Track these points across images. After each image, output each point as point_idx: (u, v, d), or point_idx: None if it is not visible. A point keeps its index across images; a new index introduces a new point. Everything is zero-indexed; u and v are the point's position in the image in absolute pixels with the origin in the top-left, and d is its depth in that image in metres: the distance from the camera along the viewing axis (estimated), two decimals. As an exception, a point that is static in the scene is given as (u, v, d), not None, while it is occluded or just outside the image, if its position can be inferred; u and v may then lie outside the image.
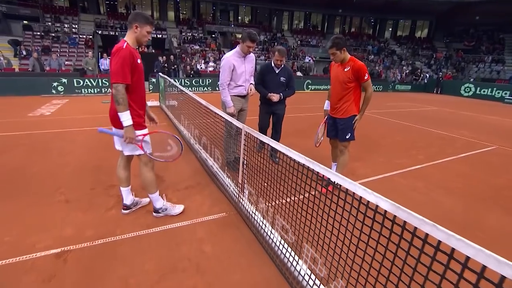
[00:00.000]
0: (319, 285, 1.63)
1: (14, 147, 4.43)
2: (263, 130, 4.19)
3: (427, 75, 22.26)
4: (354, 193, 1.28)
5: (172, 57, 14.60)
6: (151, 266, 1.99)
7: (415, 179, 3.86)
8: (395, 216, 1.11)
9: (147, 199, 2.82)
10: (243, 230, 2.48)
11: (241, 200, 2.67)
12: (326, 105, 3.50)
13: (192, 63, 14.75)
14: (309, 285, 1.67)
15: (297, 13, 30.58)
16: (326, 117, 3.51)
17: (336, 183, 1.35)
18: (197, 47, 20.42)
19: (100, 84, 11.11)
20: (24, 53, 14.35)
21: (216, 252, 2.17)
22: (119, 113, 2.16)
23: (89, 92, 10.99)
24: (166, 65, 13.65)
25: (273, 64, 3.89)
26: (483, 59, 24.34)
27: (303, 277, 1.73)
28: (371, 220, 1.25)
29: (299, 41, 26.57)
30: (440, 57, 26.25)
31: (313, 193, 1.64)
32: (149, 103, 7.86)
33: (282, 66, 3.90)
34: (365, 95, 3.13)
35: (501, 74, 22.04)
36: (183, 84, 12.63)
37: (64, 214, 2.59)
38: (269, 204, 2.28)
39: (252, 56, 3.60)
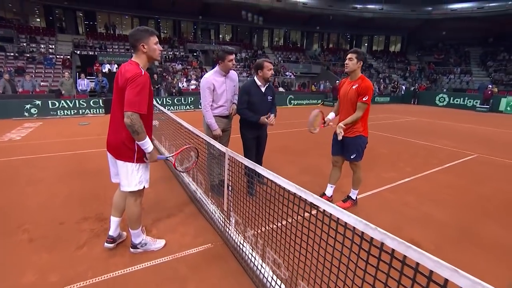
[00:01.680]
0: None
1: (-25, 178, 4.02)
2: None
3: (403, 87, 23.14)
4: (346, 223, 1.13)
5: (155, 76, 14.38)
6: (126, 317, 1.74)
7: (405, 193, 3.80)
8: (382, 244, 0.96)
9: (125, 233, 2.56)
10: (231, 262, 2.26)
11: (227, 229, 2.46)
12: (330, 115, 3.31)
13: (174, 82, 14.58)
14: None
15: (277, 31, 31.43)
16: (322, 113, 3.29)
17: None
18: (179, 66, 20.35)
19: (77, 106, 10.66)
20: (-5, 75, 13.71)
21: (201, 292, 1.94)
22: (139, 142, 2.00)
23: (65, 114, 10.51)
24: (147, 84, 13.39)
25: (258, 82, 3.33)
26: (452, 70, 25.74)
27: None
28: (367, 254, 1.10)
29: (279, 58, 27.13)
30: (413, 69, 27.53)
31: (306, 225, 1.48)
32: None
33: (268, 84, 3.41)
34: (355, 113, 3.02)
35: (470, 84, 23.31)
36: (164, 102, 12.38)
37: (24, 257, 2.28)
38: (258, 235, 2.09)
39: (234, 74, 3.41)
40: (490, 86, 18.16)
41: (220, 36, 30.02)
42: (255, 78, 3.36)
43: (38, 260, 2.24)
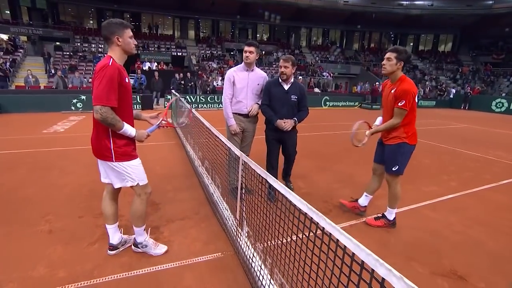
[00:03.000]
0: None
1: (17, 166, 4.33)
2: (272, 166, 3.32)
3: (453, 90, 21.14)
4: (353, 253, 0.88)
5: (188, 74, 14.76)
6: (121, 327, 1.64)
7: (448, 212, 3.30)
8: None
9: (133, 236, 2.48)
10: (238, 276, 2.08)
11: (239, 239, 2.29)
12: (378, 120, 2.98)
13: (209, 80, 14.82)
14: None
15: (315, 30, 30.63)
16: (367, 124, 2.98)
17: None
18: (215, 64, 20.72)
19: (118, 101, 11.28)
20: (53, 71, 15.10)
21: (202, 308, 1.79)
22: (119, 132, 1.94)
23: (106, 109, 11.17)
24: (183, 82, 13.77)
25: (280, 80, 3.17)
26: (514, 73, 22.94)
27: None
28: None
29: (317, 58, 26.40)
30: (466, 71, 25.05)
31: (318, 248, 1.24)
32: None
33: (293, 81, 3.21)
34: (392, 119, 2.67)
35: (536, 88, 20.58)
36: (198, 100, 12.62)
37: (42, 248, 2.32)
38: (267, 252, 1.88)
39: (260, 73, 3.29)
40: (561, 91, 15.82)
41: (258, 35, 30.05)
42: (279, 78, 3.21)
43: (52, 253, 2.26)
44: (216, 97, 13.08)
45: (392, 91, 2.64)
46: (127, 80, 1.98)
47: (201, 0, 23.59)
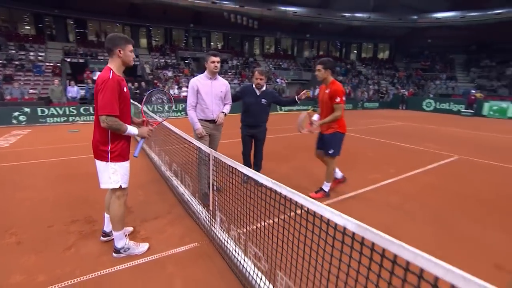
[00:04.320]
0: (296, 315, 1.53)
1: (-39, 185, 4.00)
2: (245, 156, 4.14)
3: (391, 93, 23.69)
4: (321, 215, 1.24)
5: (143, 83, 14.44)
6: (112, 311, 1.79)
7: (388, 193, 3.94)
8: (363, 238, 1.07)
9: (130, 228, 2.73)
10: (216, 260, 2.33)
11: (213, 228, 2.54)
12: (315, 116, 3.71)
13: (165, 89, 14.64)
14: (286, 316, 1.56)
15: (268, 39, 31.90)
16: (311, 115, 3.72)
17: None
18: (169, 73, 20.44)
19: (67, 113, 10.62)
20: (-17, 82, 13.54)
21: (188, 286, 2.01)
22: (125, 134, 2.20)
23: (54, 121, 10.44)
24: (138, 91, 13.43)
25: (253, 86, 3.92)
26: (438, 76, 26.51)
27: (280, 308, 1.63)
28: (341, 243, 1.20)
29: (271, 65, 27.50)
30: (401, 76, 28.23)
31: (282, 217, 1.58)
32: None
33: (264, 89, 3.94)
34: (334, 113, 3.44)
35: (455, 89, 24.05)
36: (155, 109, 12.41)
37: (12, 259, 2.31)
38: (241, 231, 2.18)
39: (222, 81, 3.49)
40: (473, 91, 18.78)
41: (212, 43, 30.30)
42: (253, 82, 3.99)
43: (26, 261, 2.27)
44: (174, 106, 12.98)
45: (327, 91, 3.43)
46: (125, 90, 2.21)
47: (152, 8, 23.13)
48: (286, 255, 1.61)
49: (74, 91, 12.37)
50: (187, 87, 17.48)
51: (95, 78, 15.93)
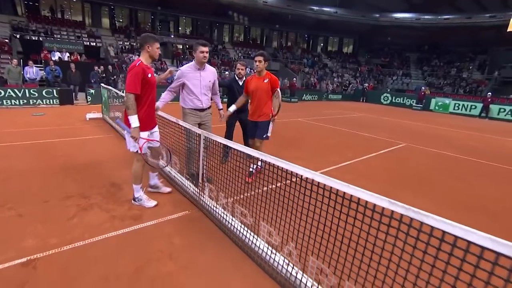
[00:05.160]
0: (275, 252, 2.06)
1: None
2: (229, 138, 4.44)
3: (354, 86, 25.29)
4: (291, 171, 1.76)
5: (110, 67, 13.93)
6: (128, 260, 2.18)
7: (345, 173, 4.66)
8: (325, 185, 1.61)
9: (168, 189, 3.42)
10: (206, 222, 2.80)
11: (202, 198, 2.98)
12: (232, 107, 3.93)
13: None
14: (267, 254, 2.09)
15: (237, 27, 31.78)
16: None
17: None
18: (136, 57, 19.70)
19: (27, 95, 10.02)
20: None
21: (185, 243, 2.46)
22: (128, 116, 2.72)
23: (12, 103, 9.81)
24: (104, 75, 12.96)
25: (236, 77, 4.59)
26: (395, 73, 28.73)
27: (262, 250, 2.15)
28: (310, 191, 1.74)
29: (240, 53, 27.61)
30: (363, 70, 30.07)
31: (266, 185, 2.09)
32: (90, 115, 7.56)
33: (244, 78, 4.51)
34: (279, 100, 3.87)
35: (409, 85, 26.34)
36: (115, 95, 12.14)
37: (19, 228, 2.55)
38: (230, 199, 2.66)
39: (210, 69, 3.54)
40: (423, 88, 20.83)
41: (180, 28, 29.47)
42: (235, 76, 4.66)
43: (33, 229, 2.53)
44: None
45: (265, 81, 3.76)
46: (149, 76, 2.75)
47: (115, -14, 21.87)
48: (268, 208, 2.14)
49: (32, 72, 11.60)
50: (156, 73, 17.14)
51: (54, 58, 14.95)
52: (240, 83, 4.57)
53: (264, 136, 3.86)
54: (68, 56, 16.05)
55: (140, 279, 2.01)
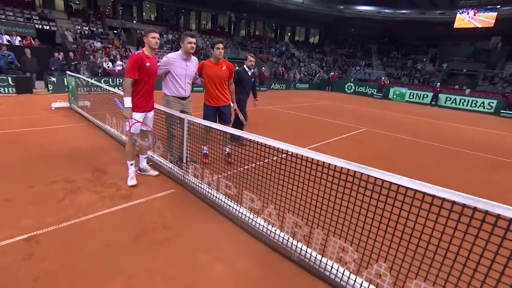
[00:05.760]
0: (257, 217, 2.45)
1: None
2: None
3: (319, 76, 26.31)
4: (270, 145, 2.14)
5: (71, 53, 13.15)
6: (124, 232, 2.44)
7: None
8: (299, 154, 2.01)
9: (155, 172, 3.67)
10: (192, 198, 3.11)
11: (186, 177, 3.27)
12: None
13: (98, 61, 13.61)
14: (251, 219, 2.47)
15: (204, 14, 31.09)
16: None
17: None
18: (98, 44, 18.65)
19: (-22, 83, 9.24)
20: None
21: (175, 215, 2.75)
22: (123, 98, 3.04)
23: (-39, 93, 9.02)
24: (65, 62, 12.24)
25: (246, 68, 4.98)
26: (358, 63, 30.29)
27: (245, 215, 2.53)
28: (285, 162, 2.14)
29: (207, 41, 27.20)
30: (329, 60, 31.24)
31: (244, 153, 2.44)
32: (55, 104, 7.31)
33: (252, 69, 5.06)
34: (233, 87, 4.16)
35: (371, 75, 27.99)
36: (90, 84, 11.62)
37: (9, 210, 2.65)
38: (213, 172, 2.98)
39: (195, 60, 3.70)
40: (384, 78, 22.34)
41: (144, 14, 28.15)
42: (244, 65, 5.01)
43: (26, 211, 2.65)
44: (110, 80, 12.34)
45: (223, 68, 3.84)
46: (148, 64, 3.04)
47: (71, -35, 20.23)
48: (250, 179, 2.51)
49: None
50: (121, 60, 16.44)
51: (2, 42, 13.70)
52: (249, 74, 5.02)
53: (230, 120, 4.18)
54: (19, 41, 14.80)
55: (139, 245, 2.29)
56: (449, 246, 1.49)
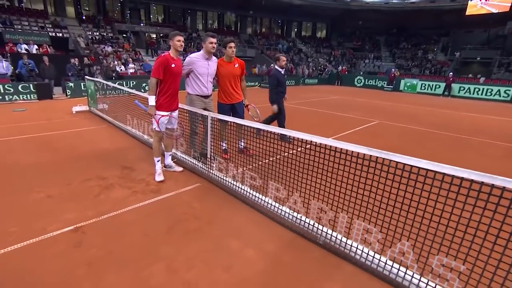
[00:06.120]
0: (282, 206, 2.61)
1: None
2: (283, 121, 5.61)
3: (328, 70, 26.17)
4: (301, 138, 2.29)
5: (85, 59, 13.58)
6: (160, 222, 2.64)
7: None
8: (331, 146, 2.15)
9: (180, 168, 3.86)
10: (217, 191, 3.30)
11: (211, 171, 3.45)
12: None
13: (111, 65, 14.01)
14: (277, 207, 2.63)
15: (211, 13, 31.30)
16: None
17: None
18: (109, 48, 19.11)
19: (2, 91, 9.71)
20: None
21: (204, 206, 2.94)
22: (148, 96, 3.28)
23: (-15, 101, 9.49)
24: (80, 68, 12.66)
25: (279, 69, 5.30)
26: (367, 56, 29.93)
27: (271, 204, 2.69)
28: (309, 152, 2.28)
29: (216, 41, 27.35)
30: (336, 54, 31.00)
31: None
32: (76, 108, 7.63)
33: (284, 68, 5.36)
34: (244, 84, 4.26)
35: (380, 68, 27.63)
36: (105, 87, 12.00)
37: (54, 206, 2.89)
38: (238, 166, 3.15)
39: (215, 59, 3.87)
40: (393, 70, 22.07)
41: (151, 16, 28.59)
42: (276, 66, 5.32)
43: (67, 206, 2.89)
44: (124, 82, 12.68)
45: (236, 66, 4.01)
46: (173, 66, 3.27)
47: (79, -28, 20.74)
48: (275, 170, 2.66)
49: (2, 66, 11.15)
50: (133, 63, 16.79)
51: (22, 51, 14.25)
52: (283, 73, 5.34)
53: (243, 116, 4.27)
54: (36, 49, 15.35)
55: (174, 234, 2.48)
56: (469, 222, 1.60)
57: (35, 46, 15.41)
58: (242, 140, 4.12)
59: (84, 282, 1.90)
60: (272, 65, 21.50)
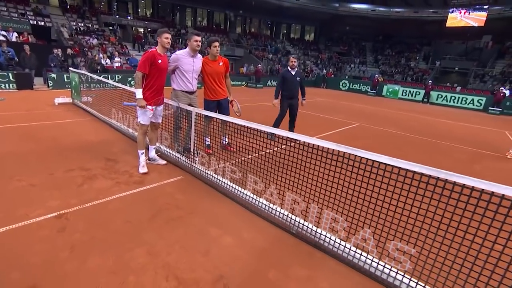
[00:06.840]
0: (260, 198, 2.78)
1: None
2: (282, 118, 5.72)
3: (315, 73, 26.68)
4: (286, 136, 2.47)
5: (69, 50, 13.26)
6: (143, 211, 2.75)
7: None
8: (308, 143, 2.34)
9: (163, 161, 3.95)
10: (199, 183, 3.43)
11: (194, 164, 3.58)
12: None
13: (96, 58, 13.75)
14: (255, 199, 2.80)
15: (200, 11, 31.16)
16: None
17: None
18: (94, 40, 18.68)
19: (-21, 80, 9.37)
20: None
21: (186, 197, 3.07)
22: (134, 90, 3.39)
23: (-38, 88, 9.14)
24: (64, 59, 12.37)
25: (289, 68, 5.38)
26: (353, 60, 30.73)
27: (249, 196, 2.85)
28: (288, 148, 2.47)
29: (203, 38, 27.28)
30: (323, 58, 31.63)
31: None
32: (59, 100, 7.52)
33: (296, 69, 5.42)
34: (229, 81, 4.40)
35: (365, 73, 28.47)
36: (90, 80, 11.79)
37: (36, 194, 2.93)
38: (220, 160, 3.30)
39: (200, 57, 4.00)
40: (377, 75, 22.79)
41: (139, 10, 28.14)
42: (288, 67, 5.45)
43: (51, 194, 2.94)
44: (109, 76, 12.48)
45: (220, 64, 4.17)
46: (160, 62, 3.36)
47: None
48: (255, 164, 2.83)
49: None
50: (119, 56, 16.53)
51: (0, 38, 13.74)
52: (293, 73, 5.39)
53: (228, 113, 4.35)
54: (16, 36, 14.83)
55: (157, 222, 2.60)
56: (419, 210, 1.83)
57: (15, 34, 14.87)
58: (226, 136, 4.27)
59: (67, 263, 2.00)
60: (259, 65, 21.72)
